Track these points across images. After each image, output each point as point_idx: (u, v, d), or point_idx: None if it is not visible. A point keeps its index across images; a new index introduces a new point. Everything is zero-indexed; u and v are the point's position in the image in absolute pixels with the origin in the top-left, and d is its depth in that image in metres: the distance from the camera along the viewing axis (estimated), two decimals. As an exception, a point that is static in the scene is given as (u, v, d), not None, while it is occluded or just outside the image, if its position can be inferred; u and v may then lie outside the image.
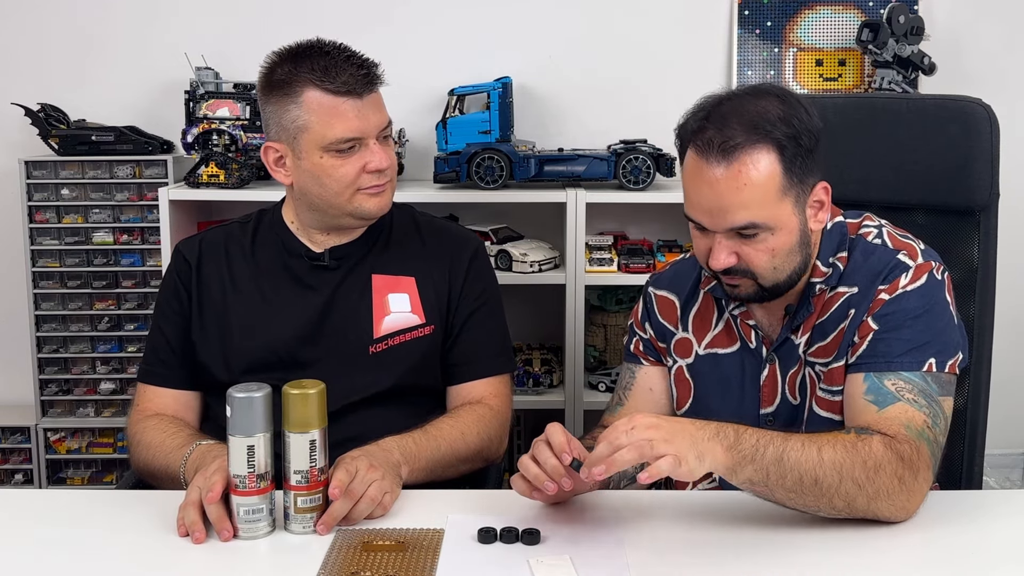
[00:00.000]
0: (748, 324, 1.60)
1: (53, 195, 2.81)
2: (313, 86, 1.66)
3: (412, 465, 1.58)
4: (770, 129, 1.41)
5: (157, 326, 1.82)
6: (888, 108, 1.81)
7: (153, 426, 1.71)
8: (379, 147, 1.71)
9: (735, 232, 1.45)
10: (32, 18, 2.92)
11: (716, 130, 1.42)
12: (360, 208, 1.73)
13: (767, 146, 1.41)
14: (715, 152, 1.41)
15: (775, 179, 1.42)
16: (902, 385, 1.44)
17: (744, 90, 1.48)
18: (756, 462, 1.31)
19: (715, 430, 1.31)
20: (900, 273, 1.49)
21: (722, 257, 1.46)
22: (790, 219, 1.46)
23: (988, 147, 1.69)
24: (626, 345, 1.76)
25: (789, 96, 1.47)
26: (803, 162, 1.44)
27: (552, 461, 1.36)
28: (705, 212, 1.46)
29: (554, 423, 1.41)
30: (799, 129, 1.43)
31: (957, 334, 1.50)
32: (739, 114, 1.42)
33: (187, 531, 1.37)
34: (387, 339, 1.76)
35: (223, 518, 1.37)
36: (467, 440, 1.70)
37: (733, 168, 1.41)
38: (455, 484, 1.66)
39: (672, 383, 1.68)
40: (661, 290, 1.72)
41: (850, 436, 1.36)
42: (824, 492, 1.32)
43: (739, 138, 1.41)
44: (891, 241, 1.54)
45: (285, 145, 1.72)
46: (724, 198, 1.42)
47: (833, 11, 2.93)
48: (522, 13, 2.91)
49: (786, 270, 1.49)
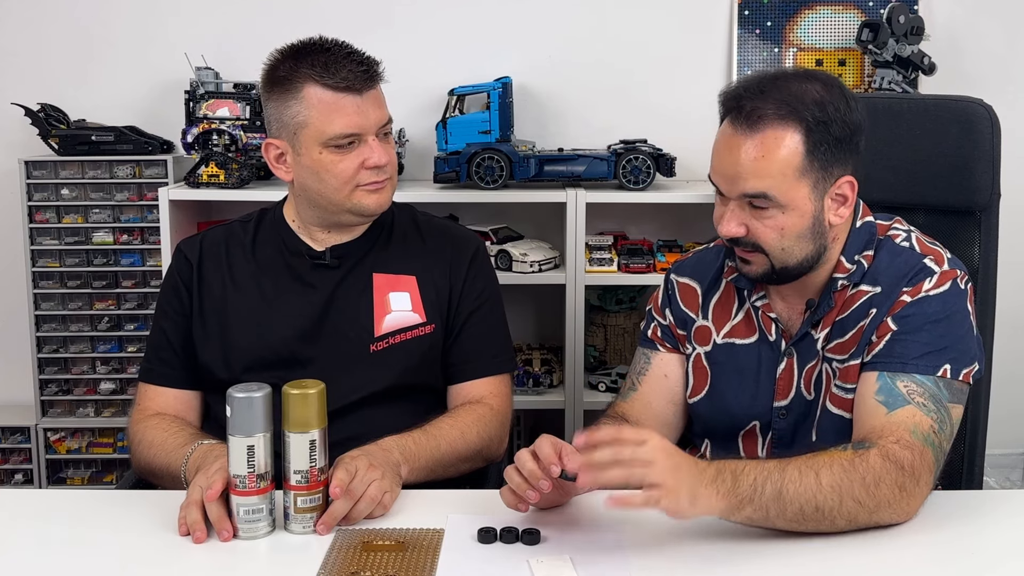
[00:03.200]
0: (769, 316, 1.60)
1: (53, 195, 2.81)
2: (313, 82, 1.67)
3: (412, 464, 1.59)
4: (801, 109, 1.44)
5: (158, 325, 1.82)
6: (889, 108, 1.81)
7: (155, 425, 1.71)
8: (378, 144, 1.71)
9: (748, 202, 1.47)
10: (32, 18, 2.92)
11: (751, 100, 1.45)
12: (359, 205, 1.73)
13: (794, 125, 1.44)
14: (743, 120, 1.45)
15: (795, 158, 1.44)
16: (914, 388, 1.44)
17: (794, 70, 1.53)
18: (755, 502, 1.30)
19: (714, 474, 1.30)
20: (925, 277, 1.50)
21: (732, 225, 1.49)
22: (804, 202, 1.46)
23: (989, 147, 1.70)
24: (643, 331, 1.75)
25: (834, 85, 1.48)
26: (829, 150, 1.45)
27: (530, 465, 1.35)
28: (724, 177, 1.48)
29: (544, 436, 1.40)
30: (832, 117, 1.45)
31: (975, 344, 1.51)
32: (778, 91, 1.45)
33: (188, 530, 1.37)
34: (388, 337, 1.76)
35: (223, 518, 1.37)
36: (467, 439, 1.70)
37: (756, 138, 1.44)
38: (455, 484, 1.66)
39: (690, 370, 1.68)
40: (683, 277, 1.72)
41: (847, 453, 1.35)
42: (826, 516, 1.32)
43: (769, 111, 1.44)
44: (919, 246, 1.55)
45: (285, 142, 1.72)
46: (741, 164, 1.45)
47: (833, 11, 2.93)
48: (522, 13, 2.91)
49: (795, 254, 1.49)
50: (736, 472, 1.31)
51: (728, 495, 1.29)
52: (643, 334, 1.75)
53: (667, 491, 1.25)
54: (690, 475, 1.28)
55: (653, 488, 1.25)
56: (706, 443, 1.68)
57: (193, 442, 1.62)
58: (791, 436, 1.59)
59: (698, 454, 1.69)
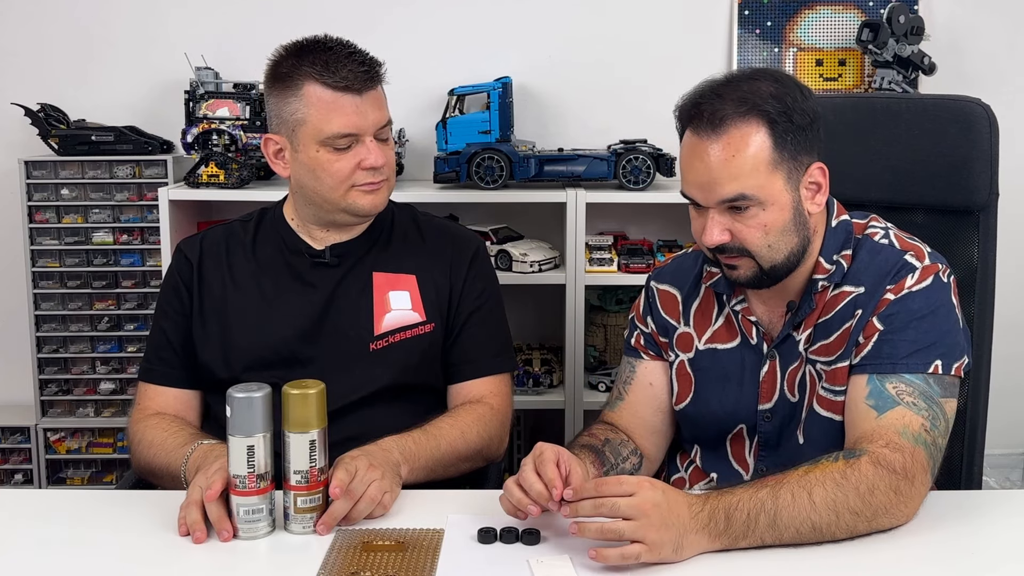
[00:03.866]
0: (749, 320, 1.60)
1: (53, 195, 2.81)
2: (314, 80, 1.68)
3: (412, 464, 1.59)
4: (760, 103, 1.44)
5: (158, 325, 1.83)
6: (888, 108, 1.81)
7: (155, 425, 1.72)
8: (376, 145, 1.71)
9: (727, 207, 1.46)
10: (32, 18, 2.92)
11: (709, 105, 1.45)
12: (353, 205, 1.73)
13: (757, 119, 1.44)
14: (706, 125, 1.45)
15: (764, 152, 1.44)
16: (903, 388, 1.44)
17: (740, 72, 1.52)
18: (750, 536, 1.30)
19: (707, 519, 1.29)
20: (906, 274, 1.49)
21: (715, 233, 1.47)
22: (782, 195, 1.46)
23: (987, 147, 1.69)
24: (626, 339, 1.75)
25: (784, 78, 1.49)
26: (795, 139, 1.46)
27: (537, 486, 1.35)
28: (698, 187, 1.48)
29: (541, 444, 1.41)
30: (791, 107, 1.45)
31: (962, 337, 1.50)
32: (733, 90, 1.46)
33: (188, 530, 1.38)
34: (387, 336, 1.76)
35: (223, 518, 1.37)
36: (467, 439, 1.70)
37: (723, 140, 1.44)
38: (455, 484, 1.66)
39: (674, 377, 1.68)
40: (663, 284, 1.72)
41: (838, 464, 1.35)
42: (824, 532, 1.32)
43: (729, 111, 1.44)
44: (898, 242, 1.54)
45: (284, 138, 1.73)
46: (714, 171, 1.44)
47: (833, 11, 2.93)
48: (522, 13, 2.91)
49: (782, 249, 1.49)
50: (729, 509, 1.30)
51: (721, 535, 1.30)
52: (627, 342, 1.75)
53: (648, 547, 1.25)
54: (679, 524, 1.28)
55: (634, 544, 1.25)
56: (696, 449, 1.68)
57: (193, 442, 1.62)
58: (777, 438, 1.58)
59: (688, 459, 1.70)
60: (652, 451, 1.70)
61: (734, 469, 1.62)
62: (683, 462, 1.71)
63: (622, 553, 1.25)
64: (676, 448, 1.74)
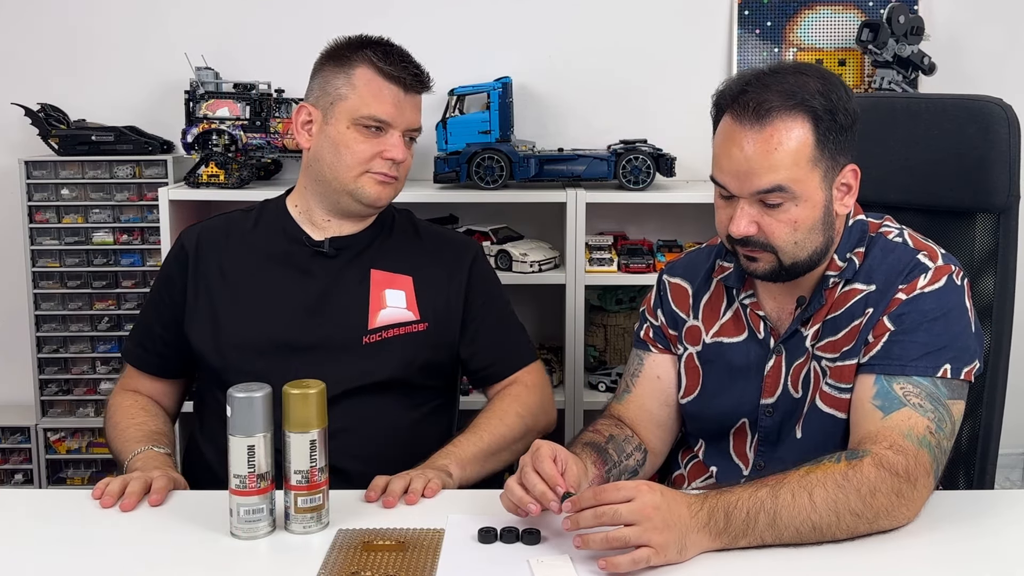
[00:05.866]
0: (758, 315, 1.60)
1: (53, 195, 2.81)
2: (369, 64, 1.76)
3: (459, 460, 1.65)
4: (807, 99, 1.43)
5: (146, 312, 1.90)
6: (907, 108, 1.78)
7: (128, 406, 1.81)
8: (401, 141, 1.77)
9: (759, 199, 1.45)
10: (32, 18, 2.92)
11: (755, 94, 1.43)
12: (361, 190, 1.77)
13: (803, 114, 1.43)
14: (750, 114, 1.43)
15: (807, 147, 1.43)
16: (910, 389, 1.43)
17: (786, 65, 1.50)
18: (750, 535, 1.30)
19: (706, 518, 1.29)
20: (919, 274, 1.48)
21: (743, 224, 1.46)
22: (816, 192, 1.45)
23: (1007, 148, 1.66)
24: (636, 332, 1.75)
25: (830, 75, 1.48)
26: (836, 138, 1.45)
27: (540, 487, 1.36)
28: (733, 175, 1.46)
29: (539, 441, 1.41)
30: (836, 105, 1.44)
31: (974, 341, 1.49)
32: (779, 83, 1.44)
33: (102, 493, 1.46)
34: (381, 331, 1.78)
35: (136, 494, 1.47)
36: (506, 422, 1.75)
37: (766, 131, 1.42)
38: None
39: (682, 371, 1.67)
40: (675, 278, 1.72)
41: (840, 466, 1.35)
42: (824, 533, 1.32)
43: (776, 103, 1.42)
44: (912, 241, 1.54)
45: (319, 111, 1.78)
46: (753, 160, 1.43)
47: (833, 11, 2.93)
48: (522, 13, 2.91)
49: (807, 247, 1.48)
50: (728, 508, 1.30)
51: (721, 534, 1.30)
52: (636, 335, 1.75)
53: (655, 550, 1.25)
54: (680, 524, 1.28)
55: (641, 548, 1.25)
56: (700, 443, 1.68)
57: (147, 443, 1.69)
58: (777, 434, 1.58)
59: (691, 454, 1.70)
60: (657, 445, 1.70)
61: (734, 463, 1.62)
62: (684, 458, 1.71)
63: (633, 559, 1.24)
64: (679, 443, 1.75)
